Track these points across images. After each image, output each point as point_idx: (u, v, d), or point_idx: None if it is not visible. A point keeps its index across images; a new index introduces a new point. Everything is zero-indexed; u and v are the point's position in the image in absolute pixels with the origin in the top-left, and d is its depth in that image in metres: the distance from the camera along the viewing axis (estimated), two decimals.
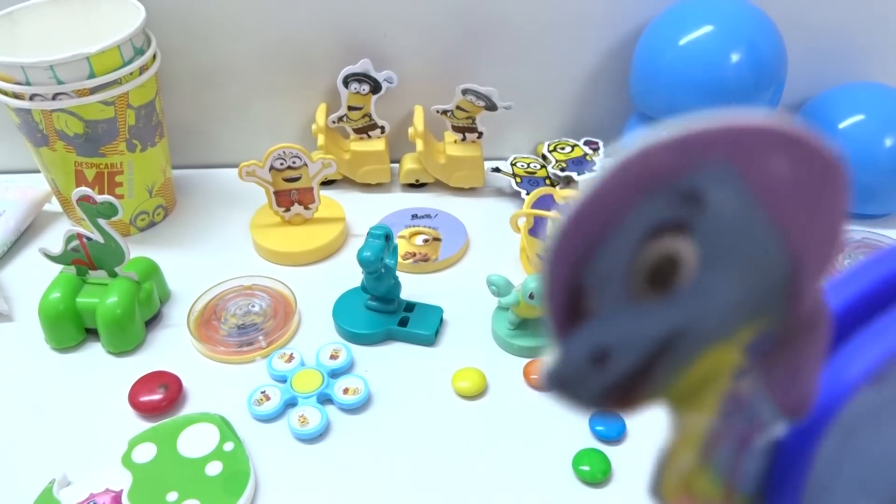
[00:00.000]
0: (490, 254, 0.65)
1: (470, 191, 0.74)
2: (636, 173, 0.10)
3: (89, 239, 0.54)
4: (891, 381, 0.12)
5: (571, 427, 0.49)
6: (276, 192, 0.65)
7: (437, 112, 0.70)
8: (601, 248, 0.10)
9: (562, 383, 0.12)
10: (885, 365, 0.12)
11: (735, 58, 0.59)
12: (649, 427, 0.27)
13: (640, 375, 0.11)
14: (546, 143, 0.76)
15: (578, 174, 0.71)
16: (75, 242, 0.55)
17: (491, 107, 0.68)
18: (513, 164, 0.73)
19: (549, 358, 0.12)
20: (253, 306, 0.58)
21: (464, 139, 0.72)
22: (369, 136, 0.73)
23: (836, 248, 0.12)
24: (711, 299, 0.11)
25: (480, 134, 0.71)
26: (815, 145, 0.11)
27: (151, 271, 0.59)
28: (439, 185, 0.74)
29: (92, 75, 0.58)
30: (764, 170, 0.10)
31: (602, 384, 0.11)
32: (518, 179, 0.71)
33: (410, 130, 0.70)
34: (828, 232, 0.12)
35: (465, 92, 0.68)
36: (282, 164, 0.63)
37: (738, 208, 0.10)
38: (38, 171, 0.67)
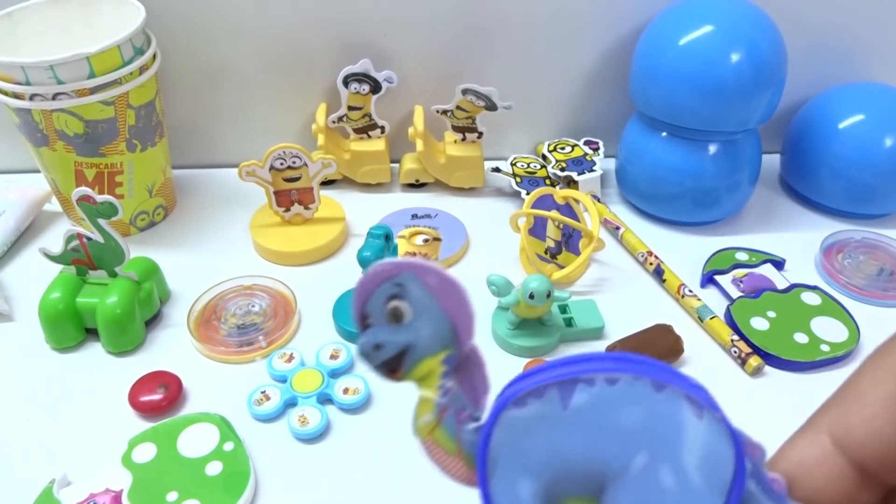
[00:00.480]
0: (490, 254, 0.66)
1: (470, 191, 0.74)
2: (380, 273, 0.24)
3: (89, 239, 0.54)
4: (528, 406, 0.24)
5: None
6: (276, 192, 0.65)
7: (437, 112, 0.70)
8: (370, 299, 0.24)
9: (363, 356, 0.24)
10: (519, 396, 0.24)
11: (735, 57, 0.59)
12: None
13: (397, 362, 0.25)
14: (546, 143, 0.76)
15: (578, 174, 0.71)
16: (75, 242, 0.55)
17: (491, 107, 0.68)
18: (513, 164, 0.73)
19: (357, 343, 0.25)
20: (253, 306, 0.59)
21: (464, 139, 0.72)
22: (369, 136, 0.73)
23: (470, 324, 0.25)
24: (421, 331, 0.24)
25: (480, 134, 0.71)
26: (444, 273, 0.24)
27: (151, 271, 0.59)
28: (439, 185, 0.74)
29: (92, 75, 0.58)
30: (428, 279, 0.23)
31: (378, 361, 0.25)
32: (518, 179, 0.71)
33: (410, 130, 0.70)
34: (464, 314, 0.24)
35: (465, 92, 0.68)
36: (282, 164, 0.63)
37: (421, 292, 0.24)
38: (38, 171, 0.67)
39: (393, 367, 0.26)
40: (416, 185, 0.74)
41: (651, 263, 0.63)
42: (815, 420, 0.24)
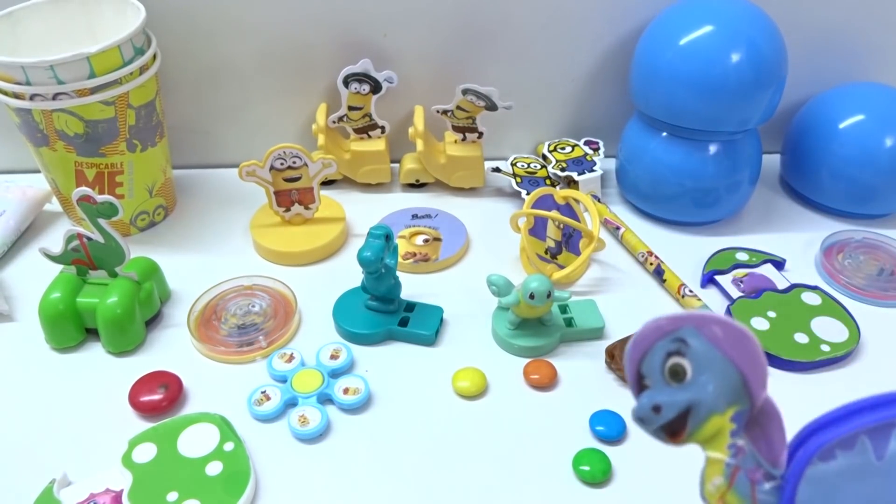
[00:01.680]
0: (490, 254, 0.66)
1: (470, 191, 0.74)
2: (657, 329, 0.23)
3: (89, 239, 0.54)
4: (838, 459, 0.22)
5: (571, 427, 0.49)
6: (276, 192, 0.65)
7: (438, 112, 0.70)
8: (647, 357, 0.23)
9: (639, 419, 0.24)
10: (826, 448, 0.23)
11: (735, 58, 0.59)
12: None
13: (679, 424, 0.23)
14: (546, 143, 0.76)
15: (579, 174, 0.71)
16: (75, 242, 0.55)
17: (491, 107, 0.68)
18: (513, 164, 0.73)
19: (634, 407, 0.24)
20: (253, 306, 0.59)
21: (464, 139, 0.72)
22: (369, 136, 0.73)
23: (763, 373, 0.24)
24: (706, 388, 0.23)
25: (481, 134, 0.71)
26: (730, 322, 0.23)
27: (151, 271, 0.59)
28: (439, 185, 0.74)
29: (92, 75, 0.58)
30: (710, 331, 0.22)
31: (659, 423, 0.24)
32: (518, 179, 0.71)
33: (410, 130, 0.70)
34: (755, 363, 0.23)
35: (465, 92, 0.68)
36: (282, 164, 0.63)
37: (703, 347, 0.23)
38: (38, 171, 0.67)
39: (675, 429, 0.24)
40: (417, 185, 0.74)
41: (651, 263, 0.63)
42: None
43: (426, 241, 0.65)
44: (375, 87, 0.70)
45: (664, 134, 0.65)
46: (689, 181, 0.65)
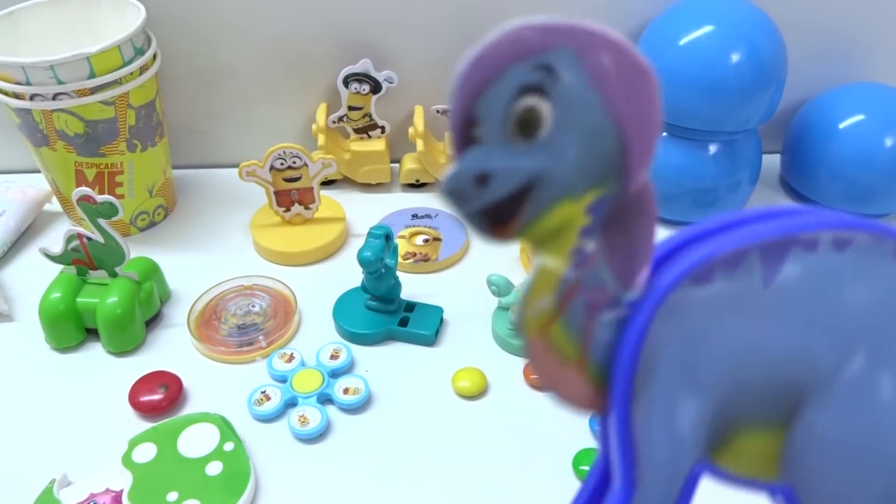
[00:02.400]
0: (490, 254, 0.66)
1: None
2: (511, 43, 0.15)
3: (89, 239, 0.54)
4: (715, 283, 0.15)
5: (571, 427, 0.49)
6: (276, 192, 0.65)
7: (437, 112, 0.70)
8: (486, 90, 0.15)
9: (453, 192, 0.16)
10: (703, 265, 0.15)
11: (735, 58, 0.59)
12: None
13: (511, 207, 0.15)
14: None
15: None
16: (75, 242, 0.55)
17: None
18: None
19: (447, 171, 0.16)
20: (253, 306, 0.59)
21: None
22: (369, 136, 0.73)
23: (653, 141, 0.17)
24: (563, 154, 0.15)
25: None
26: (632, 51, 0.15)
27: (151, 271, 0.59)
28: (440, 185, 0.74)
29: (92, 75, 0.58)
30: (597, 62, 0.14)
31: (483, 202, 0.15)
32: None
33: (410, 130, 0.70)
34: (646, 123, 0.16)
35: None
36: (282, 164, 0.63)
37: (578, 85, 0.14)
38: (38, 171, 0.67)
39: (503, 215, 0.16)
40: (417, 185, 0.74)
41: None
42: None
43: (426, 241, 0.65)
44: (375, 87, 0.70)
45: (664, 134, 0.65)
46: (689, 181, 0.65)
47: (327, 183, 0.74)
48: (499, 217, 0.15)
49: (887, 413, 0.15)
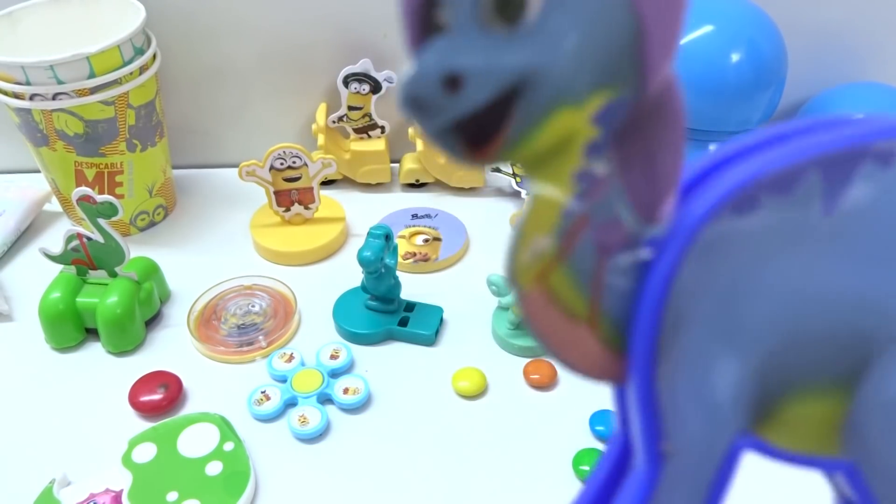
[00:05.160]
0: (490, 254, 0.65)
1: (470, 191, 0.74)
2: None
3: (89, 239, 0.54)
4: (762, 212, 0.11)
5: (571, 427, 0.49)
6: (276, 192, 0.65)
7: None
8: None
9: (413, 102, 0.12)
10: (747, 189, 0.11)
11: (735, 58, 0.59)
12: None
13: (494, 116, 0.11)
14: None
15: None
16: (75, 242, 0.55)
17: None
18: (513, 164, 0.73)
19: (403, 72, 0.12)
20: (253, 306, 0.59)
21: None
22: (369, 136, 0.73)
23: (678, 22, 0.11)
24: (559, 43, 0.10)
25: None
26: None
27: (151, 271, 0.59)
28: (439, 185, 0.74)
29: (92, 75, 0.58)
30: None
31: (455, 112, 0.11)
32: (518, 179, 0.71)
33: (411, 130, 0.70)
34: (670, 6, 0.11)
35: None
36: (282, 163, 0.63)
37: None
38: (38, 171, 0.67)
39: (485, 126, 0.12)
40: (416, 185, 0.74)
41: None
42: None
43: (426, 241, 0.65)
44: (375, 87, 0.70)
45: None
46: None
47: (327, 183, 0.74)
48: (477, 133, 0.11)
49: None
